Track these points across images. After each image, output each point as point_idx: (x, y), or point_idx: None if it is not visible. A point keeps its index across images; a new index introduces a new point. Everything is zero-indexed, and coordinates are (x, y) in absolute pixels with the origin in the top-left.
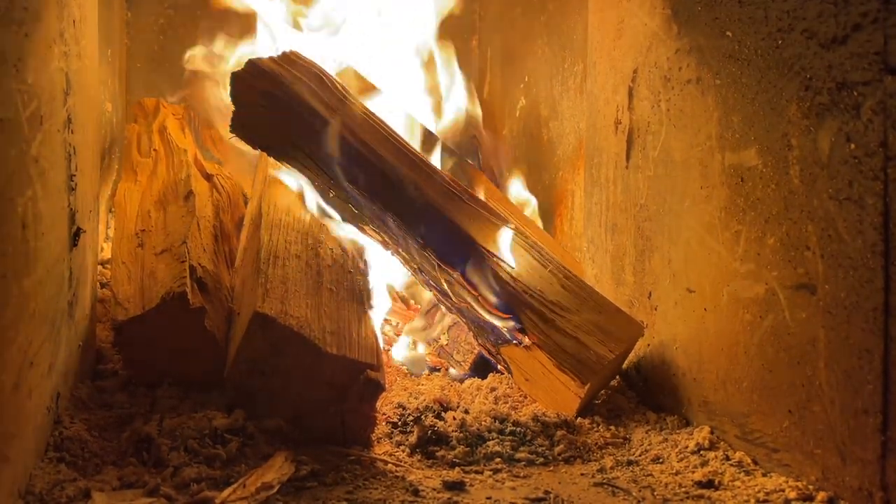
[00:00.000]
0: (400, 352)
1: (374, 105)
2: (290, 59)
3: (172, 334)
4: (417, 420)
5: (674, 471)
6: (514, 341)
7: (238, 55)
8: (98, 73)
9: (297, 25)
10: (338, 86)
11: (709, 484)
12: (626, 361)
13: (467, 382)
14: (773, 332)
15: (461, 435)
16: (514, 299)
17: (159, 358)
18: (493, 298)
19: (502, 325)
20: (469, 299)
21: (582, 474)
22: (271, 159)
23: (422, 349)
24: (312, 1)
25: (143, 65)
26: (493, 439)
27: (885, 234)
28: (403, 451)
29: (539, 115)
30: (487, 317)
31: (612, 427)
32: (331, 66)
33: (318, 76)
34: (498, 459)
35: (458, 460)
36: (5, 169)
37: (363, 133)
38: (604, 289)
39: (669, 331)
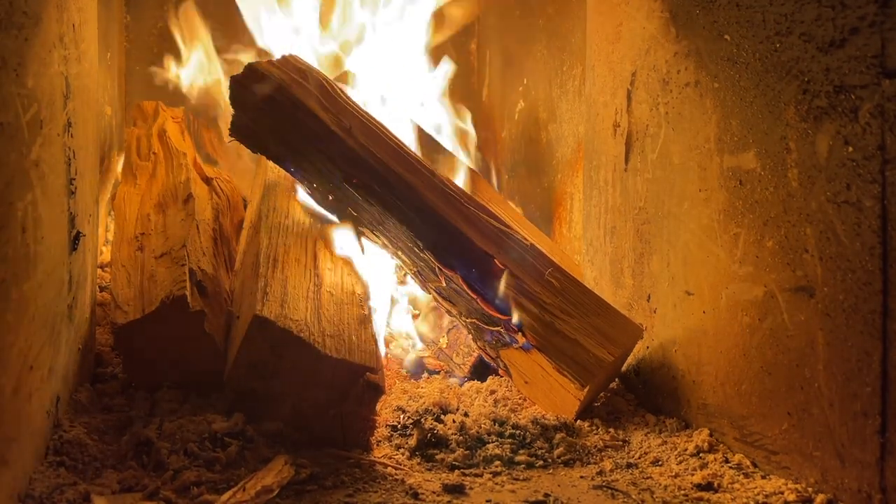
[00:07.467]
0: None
1: (374, 109)
2: (288, 63)
3: (172, 337)
4: (417, 423)
5: (673, 473)
6: (514, 344)
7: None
8: (97, 77)
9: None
10: (337, 89)
11: (708, 486)
12: (625, 364)
13: (466, 385)
14: (772, 335)
15: (460, 438)
16: (513, 302)
17: (159, 361)
18: (492, 301)
19: (501, 327)
20: (469, 302)
21: (581, 477)
22: (270, 163)
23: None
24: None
25: (142, 68)
26: (492, 442)
27: (883, 237)
28: (403, 454)
29: (538, 118)
30: (487, 320)
31: (612, 429)
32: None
33: (316, 79)
34: (497, 462)
35: (457, 463)
36: (5, 173)
37: (362, 136)
38: (603, 291)
39: (668, 333)
